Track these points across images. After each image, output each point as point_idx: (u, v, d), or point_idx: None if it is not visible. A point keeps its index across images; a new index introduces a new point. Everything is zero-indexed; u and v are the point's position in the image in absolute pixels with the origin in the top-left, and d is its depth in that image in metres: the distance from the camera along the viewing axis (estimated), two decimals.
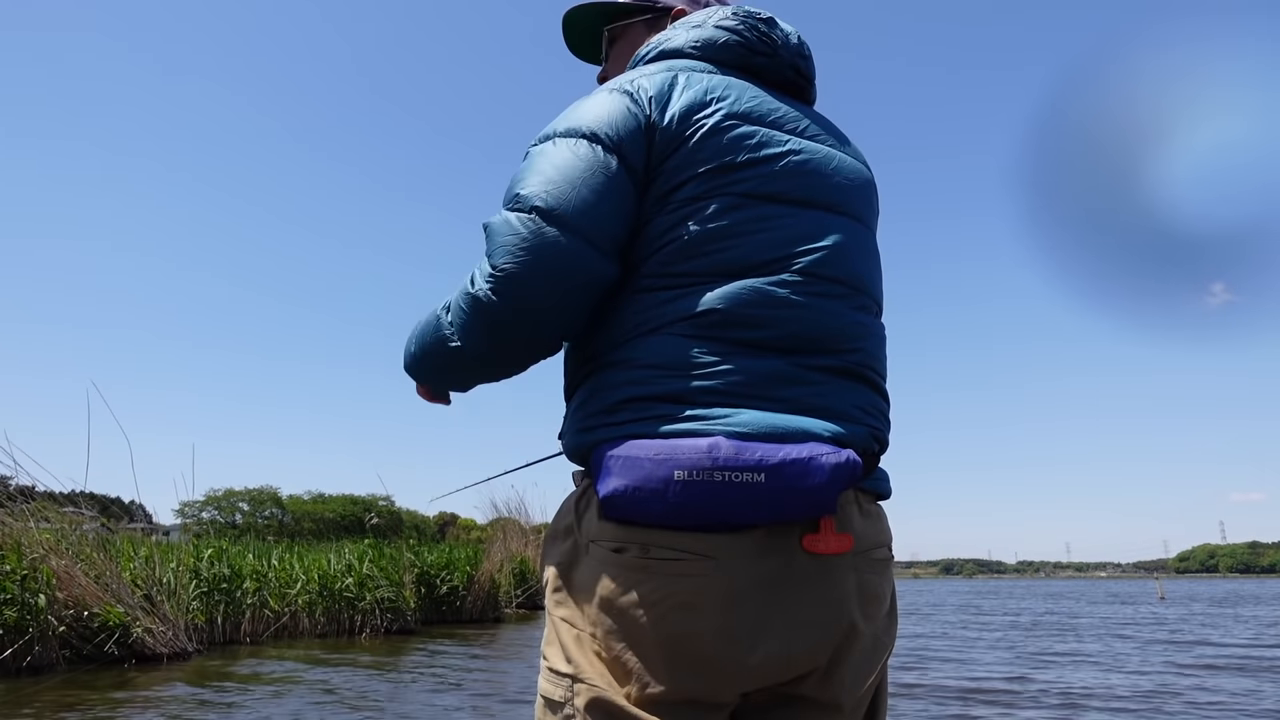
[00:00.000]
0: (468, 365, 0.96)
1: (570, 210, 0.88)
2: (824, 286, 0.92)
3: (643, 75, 0.97)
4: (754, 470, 0.78)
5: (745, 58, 1.03)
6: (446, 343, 0.94)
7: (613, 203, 0.89)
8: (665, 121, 0.92)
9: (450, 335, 0.93)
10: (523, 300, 0.88)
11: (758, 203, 0.92)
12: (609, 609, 0.84)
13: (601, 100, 0.94)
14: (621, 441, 0.84)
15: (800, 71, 1.07)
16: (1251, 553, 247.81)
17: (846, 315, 0.93)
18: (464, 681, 5.83)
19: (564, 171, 0.89)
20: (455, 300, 0.93)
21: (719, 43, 1.02)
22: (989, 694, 5.61)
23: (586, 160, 0.90)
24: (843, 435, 0.85)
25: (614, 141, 0.91)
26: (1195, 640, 10.42)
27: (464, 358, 0.94)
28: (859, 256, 0.97)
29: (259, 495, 55.85)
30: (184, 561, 7.96)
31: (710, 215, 0.90)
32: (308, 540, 14.80)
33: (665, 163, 0.92)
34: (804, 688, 0.87)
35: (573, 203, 0.88)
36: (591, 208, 0.88)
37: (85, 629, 6.49)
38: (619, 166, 0.90)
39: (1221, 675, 6.80)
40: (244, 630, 8.50)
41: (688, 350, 0.87)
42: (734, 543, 0.81)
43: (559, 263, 0.87)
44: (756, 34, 1.03)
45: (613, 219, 0.90)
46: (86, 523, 7.23)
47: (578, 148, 0.91)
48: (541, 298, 0.88)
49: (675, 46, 1.04)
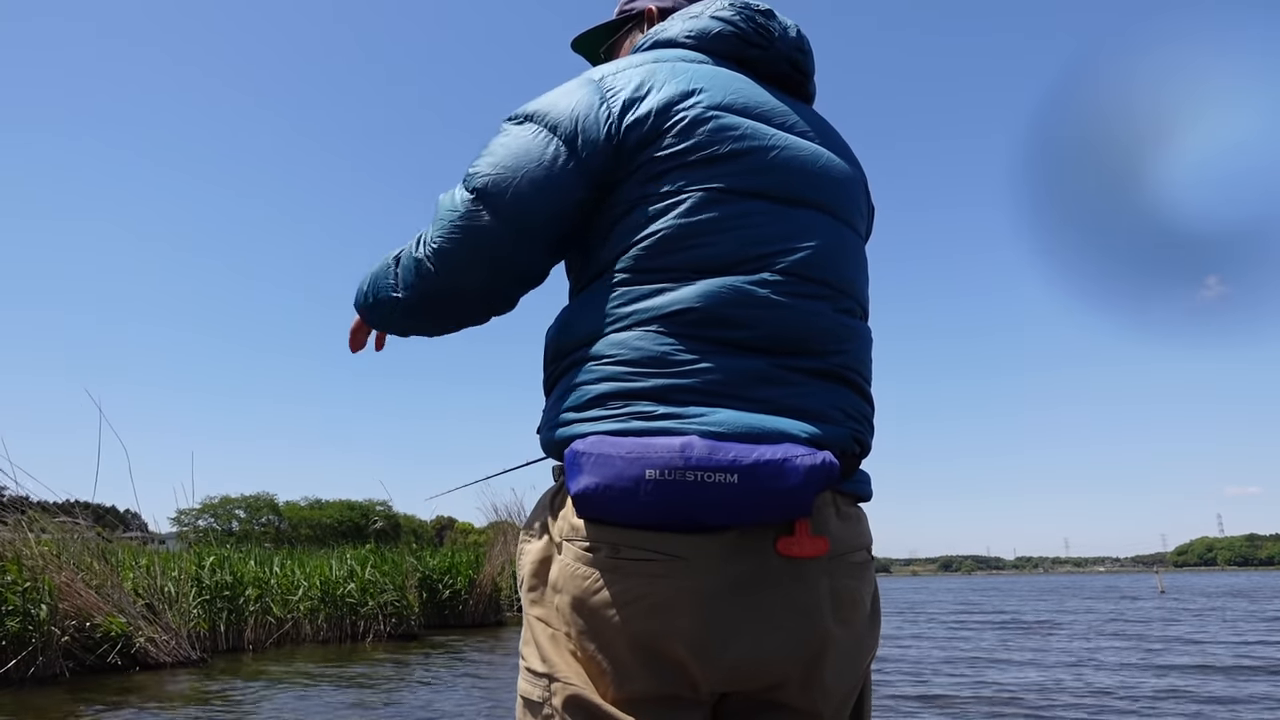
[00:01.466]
0: (406, 315, 1.00)
1: (506, 199, 0.89)
2: (807, 287, 0.90)
3: (623, 67, 0.95)
4: (727, 471, 0.77)
5: (739, 49, 1.01)
6: (390, 291, 0.99)
7: (553, 195, 0.89)
8: (640, 115, 0.90)
9: (394, 285, 0.99)
10: (452, 275, 0.94)
11: (739, 198, 0.89)
12: (581, 608, 0.83)
13: (569, 90, 0.93)
14: (593, 438, 0.82)
15: (797, 66, 1.05)
16: (1250, 545, 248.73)
17: (830, 317, 0.91)
18: (470, 684, 5.81)
19: (513, 157, 0.90)
20: (404, 254, 0.98)
21: (713, 33, 1.00)
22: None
23: (538, 149, 0.90)
24: (820, 437, 0.83)
25: (570, 133, 0.90)
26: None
27: (402, 308, 0.99)
28: (843, 259, 0.95)
29: (255, 502, 55.59)
30: (185, 570, 7.93)
31: (689, 209, 0.88)
32: (305, 547, 14.73)
33: (639, 155, 0.90)
34: (783, 695, 0.85)
35: (510, 191, 0.89)
36: (528, 199, 0.89)
37: (88, 639, 6.47)
38: (569, 159, 0.89)
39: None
40: (247, 638, 8.48)
41: (665, 347, 0.85)
42: (706, 544, 0.80)
43: (485, 248, 0.92)
44: (753, 25, 1.01)
45: (549, 212, 0.90)
46: (84, 533, 7.19)
47: (534, 135, 0.91)
48: (468, 278, 0.94)
49: (669, 36, 1.02)
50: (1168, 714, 4.74)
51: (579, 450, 0.82)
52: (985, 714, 4.73)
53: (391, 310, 1.00)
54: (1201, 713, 4.75)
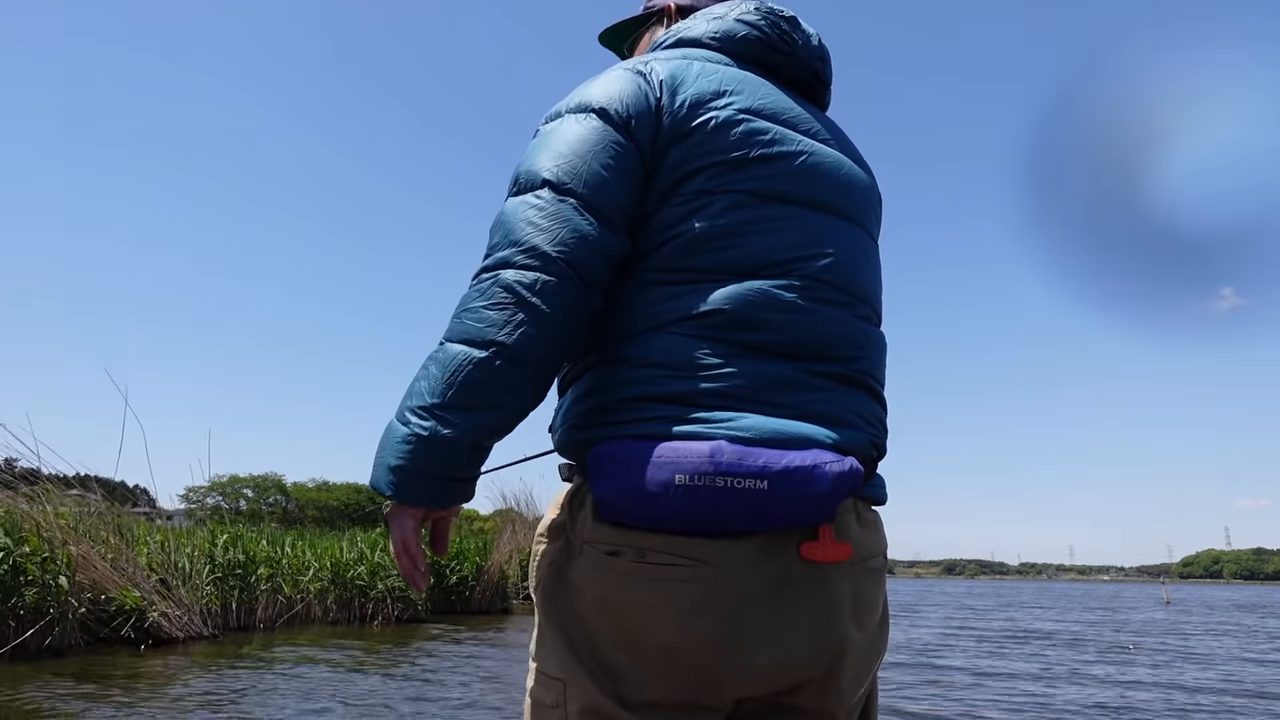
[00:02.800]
0: (514, 365, 0.80)
1: (582, 184, 0.85)
2: (828, 293, 0.90)
3: (656, 59, 0.95)
4: (757, 477, 0.76)
5: (763, 54, 1.00)
6: (472, 362, 0.80)
7: (623, 177, 0.88)
8: (675, 106, 0.90)
9: (476, 350, 0.80)
10: (571, 265, 0.82)
11: (767, 202, 0.90)
12: (603, 612, 0.82)
13: (613, 77, 0.92)
14: (620, 441, 0.81)
15: (818, 74, 1.05)
16: (1256, 559, 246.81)
17: (849, 323, 0.91)
18: (476, 670, 5.85)
19: (573, 146, 0.87)
20: (463, 317, 0.82)
21: (738, 36, 1.00)
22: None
23: (597, 134, 0.88)
24: (843, 442, 0.83)
25: (623, 117, 0.88)
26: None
27: (509, 355, 0.80)
28: (862, 265, 0.96)
29: (263, 482, 56.08)
30: (199, 547, 8.01)
31: (719, 211, 0.88)
32: (312, 528, 14.84)
33: (671, 149, 0.89)
34: (800, 698, 0.85)
35: (584, 176, 0.86)
36: (604, 181, 0.86)
37: (103, 612, 6.54)
38: (628, 142, 0.88)
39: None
40: (258, 616, 8.55)
41: (692, 350, 0.84)
42: (733, 549, 0.79)
43: (580, 234, 0.83)
44: (778, 31, 1.01)
45: (623, 193, 0.88)
46: (99, 506, 7.26)
47: (587, 121, 0.89)
48: (581, 264, 0.83)
49: (693, 36, 1.02)
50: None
51: (605, 453, 0.81)
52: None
53: (492, 374, 0.80)
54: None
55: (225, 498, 54.71)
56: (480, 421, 0.81)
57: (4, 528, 5.99)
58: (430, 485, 0.81)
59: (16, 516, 6.18)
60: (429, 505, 0.83)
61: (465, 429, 0.80)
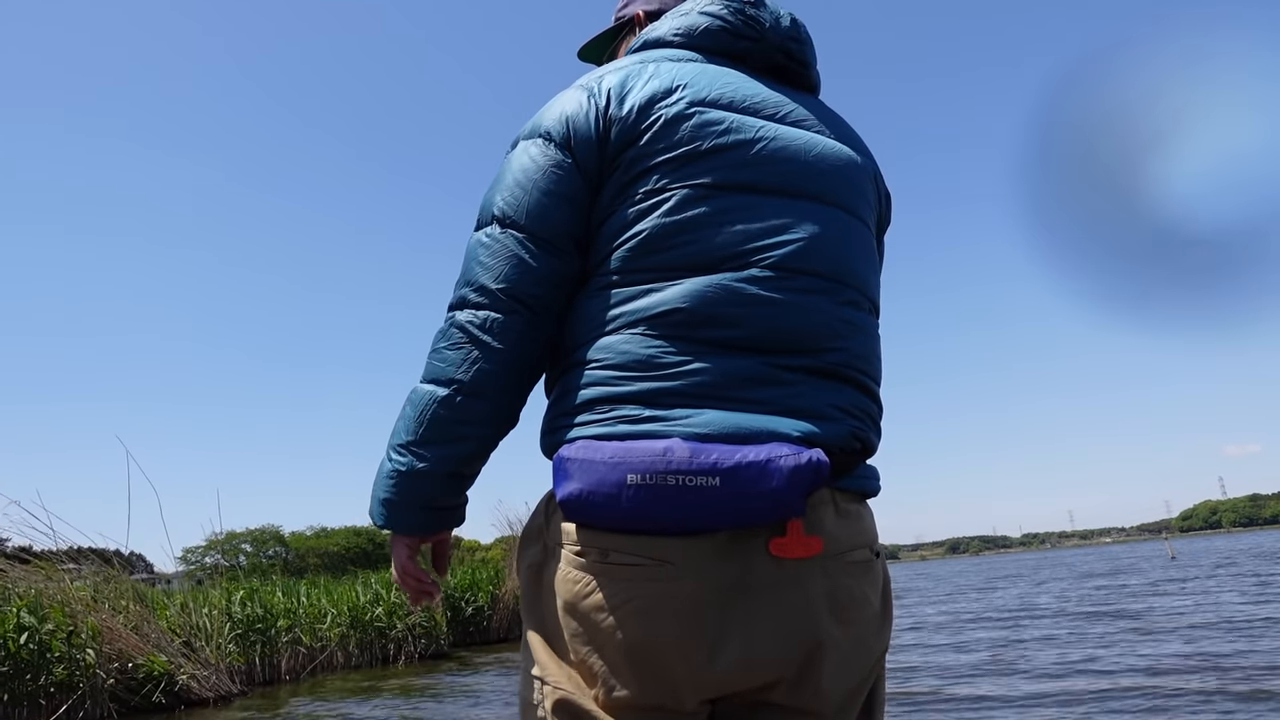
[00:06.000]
0: (474, 398, 0.89)
1: (524, 215, 0.89)
2: (800, 281, 0.88)
3: (609, 69, 0.96)
4: (708, 474, 0.76)
5: (729, 43, 0.99)
6: (436, 401, 0.89)
7: (562, 201, 0.90)
8: (624, 113, 0.90)
9: (440, 388, 0.89)
10: (516, 299, 0.89)
11: (725, 193, 0.88)
12: (573, 612, 0.83)
13: (561, 98, 0.94)
14: (578, 443, 0.82)
15: (792, 56, 1.02)
16: (1253, 506, 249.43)
17: (828, 311, 0.89)
18: (502, 697, 5.92)
19: (517, 177, 0.91)
20: (431, 358, 0.91)
21: (700, 29, 0.99)
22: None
23: (540, 159, 0.91)
24: (815, 434, 0.82)
25: (564, 137, 0.90)
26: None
27: (469, 390, 0.88)
28: (843, 247, 0.92)
29: (261, 535, 55.31)
30: (215, 605, 8.02)
31: (673, 208, 0.87)
32: (315, 576, 14.80)
33: (623, 154, 0.89)
34: (774, 695, 0.84)
35: (526, 207, 0.90)
36: (544, 209, 0.89)
37: (131, 680, 6.54)
38: (570, 161, 0.90)
39: None
40: (282, 669, 8.55)
41: (650, 350, 0.84)
42: (694, 547, 0.79)
43: (522, 264, 0.89)
44: (741, 18, 0.99)
45: (564, 217, 0.90)
46: (118, 575, 7.25)
47: (533, 147, 0.92)
48: (526, 295, 0.89)
49: (658, 35, 1.02)
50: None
51: (564, 455, 0.82)
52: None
53: (452, 416, 0.89)
54: None
55: (224, 555, 53.94)
56: (451, 454, 0.90)
57: (28, 606, 6.00)
58: (416, 515, 0.92)
59: (36, 593, 6.19)
60: (420, 532, 0.95)
61: (437, 462, 0.90)
